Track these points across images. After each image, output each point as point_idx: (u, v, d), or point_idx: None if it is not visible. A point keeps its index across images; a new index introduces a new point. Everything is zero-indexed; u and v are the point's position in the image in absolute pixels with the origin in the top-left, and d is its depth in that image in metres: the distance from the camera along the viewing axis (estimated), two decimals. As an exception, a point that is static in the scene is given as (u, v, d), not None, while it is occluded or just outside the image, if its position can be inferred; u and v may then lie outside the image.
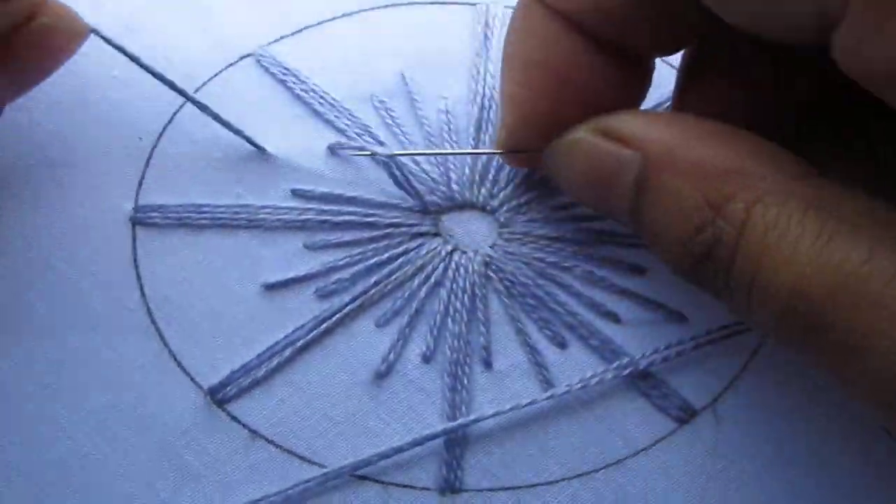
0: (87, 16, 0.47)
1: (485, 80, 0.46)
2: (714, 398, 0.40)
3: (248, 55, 0.47)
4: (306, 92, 0.45)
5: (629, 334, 0.42)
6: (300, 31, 0.47)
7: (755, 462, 0.39)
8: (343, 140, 0.44)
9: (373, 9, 0.48)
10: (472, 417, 0.39)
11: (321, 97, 0.45)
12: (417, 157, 0.44)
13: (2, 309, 0.41)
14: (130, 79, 0.46)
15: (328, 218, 0.43)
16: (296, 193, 0.44)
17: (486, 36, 0.47)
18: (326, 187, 0.44)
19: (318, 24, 0.48)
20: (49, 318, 0.41)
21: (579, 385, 0.40)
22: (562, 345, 0.41)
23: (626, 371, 0.40)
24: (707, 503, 0.39)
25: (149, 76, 0.44)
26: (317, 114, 0.45)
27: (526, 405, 0.39)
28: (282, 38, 0.47)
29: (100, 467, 0.39)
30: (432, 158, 0.44)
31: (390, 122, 0.45)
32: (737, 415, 0.40)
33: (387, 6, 0.48)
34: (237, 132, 0.44)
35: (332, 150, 0.44)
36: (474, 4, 0.49)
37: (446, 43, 0.47)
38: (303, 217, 0.43)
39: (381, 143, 0.44)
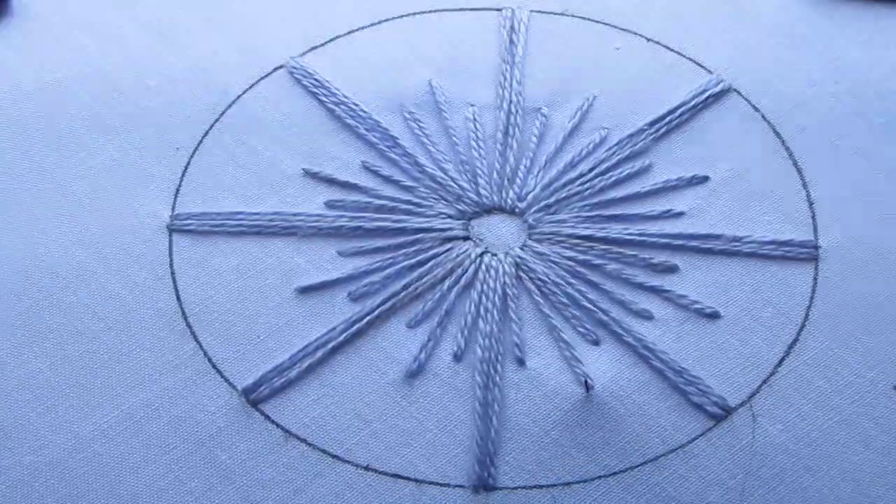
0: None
1: (511, 85, 0.47)
2: (750, 395, 0.40)
3: (281, 66, 0.48)
4: (337, 105, 0.46)
5: (663, 331, 0.41)
6: (331, 40, 0.49)
7: (793, 459, 0.39)
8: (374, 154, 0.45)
9: (401, 17, 0.49)
10: None
11: (351, 110, 0.46)
12: (445, 165, 0.45)
13: (39, 311, 0.42)
14: (164, 88, 0.47)
15: (360, 224, 0.44)
16: (329, 205, 0.44)
17: (511, 41, 0.48)
18: (358, 197, 0.45)
19: (348, 33, 0.49)
20: (85, 320, 0.42)
21: None
22: (595, 342, 0.41)
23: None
24: (746, 501, 0.38)
25: (183, 85, 0.46)
26: (348, 127, 0.46)
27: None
28: (313, 48, 0.48)
29: (134, 465, 0.39)
30: (459, 164, 0.45)
31: (419, 132, 0.46)
32: (773, 411, 0.40)
33: (414, 14, 0.49)
34: None
35: (365, 165, 0.45)
36: (500, 10, 0.49)
37: (473, 49, 0.48)
38: (336, 224, 0.44)
39: (409, 155, 0.45)
